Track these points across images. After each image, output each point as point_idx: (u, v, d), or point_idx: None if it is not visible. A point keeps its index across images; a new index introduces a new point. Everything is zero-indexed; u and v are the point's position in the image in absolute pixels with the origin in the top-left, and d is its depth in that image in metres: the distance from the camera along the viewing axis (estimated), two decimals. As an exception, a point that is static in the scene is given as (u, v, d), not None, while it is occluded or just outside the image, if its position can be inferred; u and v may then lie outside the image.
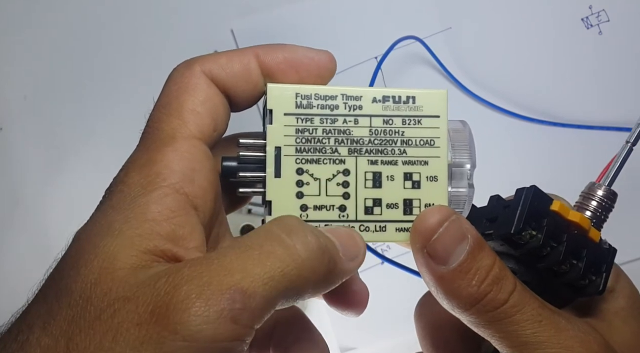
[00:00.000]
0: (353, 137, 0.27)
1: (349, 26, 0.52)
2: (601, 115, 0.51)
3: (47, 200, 0.52)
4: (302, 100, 0.27)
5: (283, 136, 0.26)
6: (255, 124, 0.33)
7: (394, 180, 0.27)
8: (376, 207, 0.27)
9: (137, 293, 0.20)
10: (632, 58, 0.51)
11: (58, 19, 0.53)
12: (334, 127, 0.27)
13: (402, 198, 0.27)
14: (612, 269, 0.28)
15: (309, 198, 0.26)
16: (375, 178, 0.27)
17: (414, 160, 0.27)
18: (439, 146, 0.27)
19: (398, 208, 0.27)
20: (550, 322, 0.25)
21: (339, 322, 0.49)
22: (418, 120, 0.27)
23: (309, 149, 0.26)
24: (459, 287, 0.24)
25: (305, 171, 0.26)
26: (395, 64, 0.50)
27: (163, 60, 0.52)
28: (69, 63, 0.53)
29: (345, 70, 0.52)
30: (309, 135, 0.26)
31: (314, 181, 0.26)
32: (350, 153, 0.27)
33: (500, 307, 0.24)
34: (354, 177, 0.27)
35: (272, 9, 0.52)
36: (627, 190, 0.51)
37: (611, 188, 0.30)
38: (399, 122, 0.27)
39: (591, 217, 0.29)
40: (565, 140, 0.51)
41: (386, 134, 0.27)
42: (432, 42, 0.50)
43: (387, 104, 0.27)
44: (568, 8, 0.52)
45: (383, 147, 0.27)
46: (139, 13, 0.53)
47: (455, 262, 0.24)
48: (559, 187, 0.50)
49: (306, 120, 0.27)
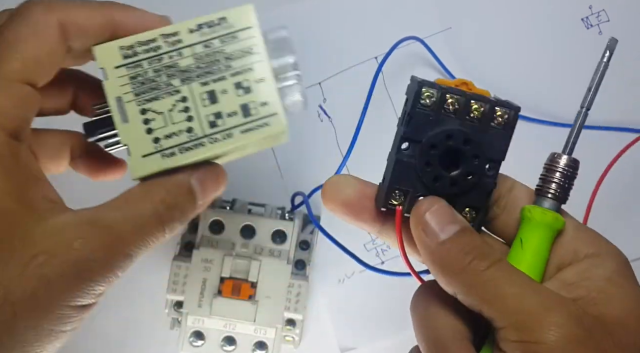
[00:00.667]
0: (181, 68, 0.30)
1: (349, 26, 0.52)
2: (601, 115, 0.51)
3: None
4: (127, 51, 0.30)
5: (119, 86, 0.30)
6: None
7: (227, 92, 0.30)
8: (219, 120, 0.30)
9: None
10: (632, 58, 0.51)
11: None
12: (162, 65, 0.30)
13: (238, 105, 0.30)
14: (593, 232, 0.29)
15: (158, 131, 0.30)
16: (210, 96, 0.30)
17: (240, 70, 0.31)
18: (258, 52, 0.31)
19: (237, 114, 0.30)
20: (530, 287, 0.27)
21: (339, 322, 0.49)
22: (234, 36, 0.31)
23: (146, 90, 0.30)
24: (448, 256, 0.27)
25: (148, 109, 0.30)
26: (395, 63, 0.50)
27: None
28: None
29: (345, 70, 0.52)
30: (142, 78, 0.30)
31: (158, 115, 0.30)
32: (183, 82, 0.30)
33: (483, 271, 0.27)
34: (192, 101, 0.30)
35: (273, 9, 0.52)
36: (627, 191, 0.51)
37: (572, 156, 0.30)
38: (218, 43, 0.31)
39: (556, 188, 0.30)
40: (564, 141, 0.51)
41: (209, 56, 0.31)
42: (432, 42, 0.50)
43: (203, 30, 0.31)
44: (568, 8, 0.52)
45: (210, 68, 0.31)
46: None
47: (445, 236, 0.28)
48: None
49: (135, 66, 0.30)
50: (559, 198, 0.30)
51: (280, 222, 0.46)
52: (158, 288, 0.48)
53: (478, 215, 0.30)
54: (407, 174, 0.29)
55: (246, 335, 0.45)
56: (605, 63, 0.31)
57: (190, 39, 0.31)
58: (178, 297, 0.44)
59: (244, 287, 0.44)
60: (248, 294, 0.44)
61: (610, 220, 0.50)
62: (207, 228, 0.45)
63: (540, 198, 0.30)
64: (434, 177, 0.29)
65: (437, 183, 0.29)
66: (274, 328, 0.44)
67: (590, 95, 0.31)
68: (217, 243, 0.45)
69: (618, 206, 0.51)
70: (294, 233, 0.45)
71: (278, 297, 0.44)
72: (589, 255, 0.29)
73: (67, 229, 0.26)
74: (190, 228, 0.46)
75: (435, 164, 0.29)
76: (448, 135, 0.29)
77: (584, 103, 0.31)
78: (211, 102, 0.30)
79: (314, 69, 0.52)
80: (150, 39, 0.31)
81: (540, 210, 0.29)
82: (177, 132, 0.30)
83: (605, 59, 0.31)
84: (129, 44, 0.30)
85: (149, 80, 0.30)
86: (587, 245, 0.29)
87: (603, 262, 0.28)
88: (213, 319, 0.44)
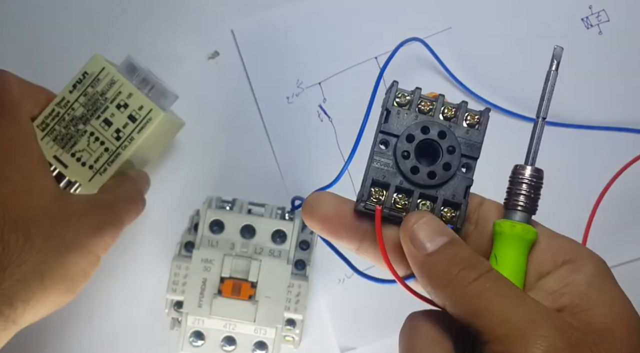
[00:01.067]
0: (78, 116, 0.43)
1: (349, 26, 0.52)
2: (601, 115, 0.51)
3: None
4: (42, 125, 0.43)
5: (50, 148, 0.43)
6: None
7: (114, 115, 0.43)
8: (120, 133, 0.43)
9: None
10: (632, 58, 0.51)
11: (58, 19, 0.53)
12: (66, 122, 0.43)
13: (126, 117, 0.43)
14: (568, 239, 0.29)
15: (88, 161, 0.43)
16: (106, 122, 0.43)
17: (114, 97, 0.43)
18: (117, 79, 0.43)
19: (128, 123, 0.43)
20: (518, 298, 0.27)
21: (339, 322, 0.49)
22: (97, 79, 0.43)
23: (66, 141, 0.43)
24: (436, 268, 0.27)
25: (75, 152, 0.43)
26: (395, 63, 0.50)
27: (164, 60, 0.52)
28: (68, 63, 0.53)
29: (345, 70, 0.52)
30: (60, 135, 0.43)
31: (83, 151, 0.43)
32: (85, 124, 0.43)
33: (472, 282, 0.27)
34: (97, 132, 0.43)
35: (272, 9, 0.52)
36: (627, 191, 0.51)
37: (535, 166, 0.30)
38: (90, 89, 0.43)
39: (523, 200, 0.29)
40: (565, 141, 0.51)
41: (90, 99, 0.43)
42: (433, 42, 0.50)
43: (77, 87, 0.43)
44: (568, 8, 0.52)
45: (95, 105, 0.43)
46: (139, 13, 0.53)
47: (433, 248, 0.28)
48: (559, 187, 0.50)
49: (51, 131, 0.43)
50: (528, 209, 0.29)
51: (280, 222, 0.46)
52: (158, 288, 0.48)
53: (458, 212, 0.30)
54: (385, 168, 0.30)
55: (246, 335, 0.44)
56: (554, 72, 0.31)
57: (73, 97, 0.43)
58: (178, 297, 0.44)
59: (244, 287, 0.44)
60: (248, 294, 0.44)
61: (610, 220, 0.50)
62: (207, 228, 0.45)
63: (509, 212, 0.30)
64: (411, 168, 0.30)
65: (416, 174, 0.30)
66: (274, 328, 0.44)
67: (545, 104, 0.31)
68: (217, 243, 0.45)
69: (618, 206, 0.51)
70: (294, 233, 0.45)
71: (278, 297, 0.44)
72: (566, 261, 0.29)
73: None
74: (191, 228, 0.46)
75: (412, 155, 0.30)
76: (424, 128, 0.30)
77: (539, 113, 0.30)
78: (108, 126, 0.43)
79: (314, 69, 0.52)
80: (50, 111, 0.43)
81: (509, 223, 0.29)
82: (100, 155, 0.43)
83: (553, 67, 0.31)
84: (40, 121, 0.43)
85: (64, 134, 0.43)
86: (563, 252, 0.29)
87: (581, 267, 0.28)
88: (213, 319, 0.44)
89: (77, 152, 0.43)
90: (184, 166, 0.51)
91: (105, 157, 0.43)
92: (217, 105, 0.52)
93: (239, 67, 0.52)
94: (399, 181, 0.30)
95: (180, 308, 0.45)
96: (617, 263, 0.49)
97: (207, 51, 0.53)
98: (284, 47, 0.52)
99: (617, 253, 0.49)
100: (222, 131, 0.52)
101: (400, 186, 0.30)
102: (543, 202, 0.30)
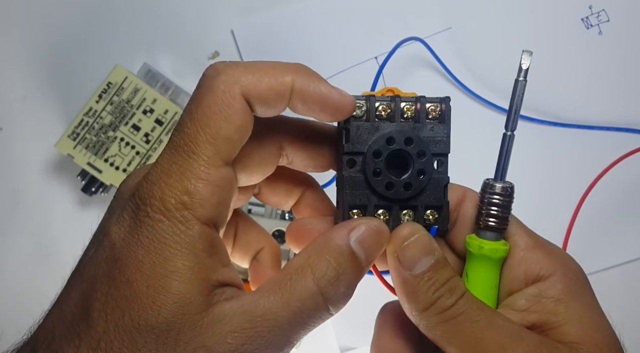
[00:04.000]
0: (107, 123, 0.47)
1: (349, 26, 0.52)
2: (601, 115, 0.51)
3: (47, 200, 0.53)
4: (73, 135, 0.47)
5: (84, 156, 0.47)
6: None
7: (142, 120, 0.47)
8: (149, 137, 0.47)
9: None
10: (632, 58, 0.51)
11: (59, 19, 0.53)
12: (96, 130, 0.47)
13: (153, 121, 0.47)
14: (544, 250, 0.29)
15: (121, 165, 0.47)
16: (135, 128, 0.47)
17: (139, 103, 0.47)
18: (141, 87, 0.47)
19: (156, 127, 0.47)
20: (488, 322, 0.27)
21: (339, 322, 0.49)
22: (122, 88, 0.47)
23: (98, 148, 0.47)
24: (418, 291, 0.27)
25: (107, 157, 0.47)
26: (395, 63, 0.50)
27: (164, 60, 0.52)
28: (69, 64, 0.53)
29: (345, 70, 0.52)
30: (92, 143, 0.47)
31: (115, 156, 0.47)
32: (114, 131, 0.47)
33: (447, 309, 0.27)
34: (127, 137, 0.47)
35: (272, 9, 0.52)
36: (627, 191, 0.51)
37: (505, 180, 0.29)
38: (116, 97, 0.47)
39: (493, 219, 0.29)
40: (565, 140, 0.51)
41: (117, 107, 0.47)
42: (433, 42, 0.50)
43: (103, 96, 0.47)
44: (568, 8, 0.52)
45: (122, 112, 0.47)
46: (139, 13, 0.53)
47: (419, 270, 0.27)
48: (559, 187, 0.50)
49: (83, 140, 0.47)
50: (496, 228, 0.29)
51: (280, 222, 0.46)
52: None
53: (441, 213, 0.29)
54: (359, 189, 0.28)
55: (246, 335, 0.44)
56: (522, 81, 0.30)
57: (100, 106, 0.47)
58: (178, 297, 0.44)
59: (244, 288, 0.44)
60: (248, 294, 0.44)
61: (610, 220, 0.50)
62: (207, 228, 0.45)
63: (479, 230, 0.29)
64: (385, 185, 0.28)
65: (391, 190, 0.28)
66: (274, 328, 0.44)
67: (513, 117, 0.29)
68: (217, 243, 0.45)
69: (618, 206, 0.51)
70: (294, 233, 0.45)
71: (278, 297, 0.44)
72: (538, 277, 0.28)
73: (225, 321, 0.26)
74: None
75: (384, 171, 0.28)
76: (388, 139, 0.28)
77: (508, 125, 0.29)
78: (137, 130, 0.47)
79: (314, 69, 0.52)
80: (80, 121, 0.46)
81: (477, 244, 0.29)
82: (132, 158, 0.47)
83: (521, 77, 0.30)
84: (71, 131, 0.46)
85: (95, 142, 0.47)
86: (537, 267, 0.29)
87: (553, 284, 0.28)
88: (213, 319, 0.44)
89: (110, 157, 0.46)
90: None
91: (137, 160, 0.47)
92: (217, 105, 0.52)
93: (239, 67, 0.52)
94: (376, 200, 0.28)
95: (180, 308, 0.45)
96: (594, 270, 0.49)
97: (207, 51, 0.53)
98: (284, 47, 0.52)
99: (597, 258, 0.50)
100: (222, 131, 0.52)
101: (378, 204, 0.28)
102: (528, 200, 0.30)
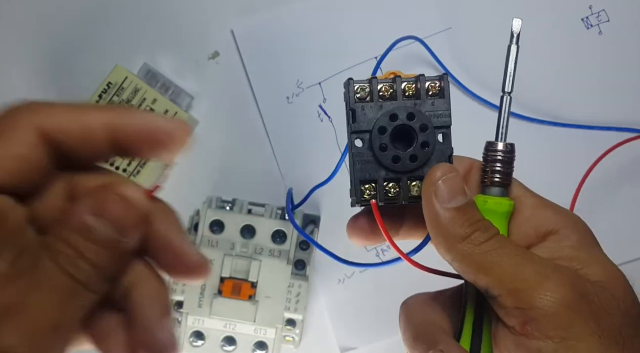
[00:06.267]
0: None
1: (349, 26, 0.52)
2: (601, 115, 0.51)
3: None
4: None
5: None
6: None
7: None
8: None
9: None
10: (632, 58, 0.51)
11: (59, 20, 0.53)
12: None
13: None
14: (551, 208, 0.30)
15: (117, 164, 0.47)
16: None
17: (139, 103, 0.47)
18: (141, 87, 0.47)
19: None
20: (527, 255, 0.28)
21: (339, 322, 0.49)
22: (122, 88, 0.47)
23: None
24: (454, 223, 0.28)
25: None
26: (395, 64, 0.50)
27: (164, 60, 0.52)
28: (69, 64, 0.53)
29: (345, 70, 0.52)
30: None
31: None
32: None
33: (485, 242, 0.28)
34: None
35: (272, 9, 0.52)
36: (627, 191, 0.51)
37: (505, 142, 0.31)
38: (116, 97, 0.47)
39: (498, 175, 0.31)
40: (565, 140, 0.51)
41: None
42: (432, 42, 0.50)
43: (103, 96, 0.47)
44: (568, 8, 0.52)
45: None
46: (139, 14, 0.53)
47: (454, 205, 0.28)
48: (559, 187, 0.50)
49: None
50: (501, 183, 0.31)
51: (280, 222, 0.46)
52: (158, 288, 0.48)
53: None
54: (368, 165, 0.30)
55: (246, 335, 0.44)
56: (513, 46, 0.34)
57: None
58: (178, 297, 0.44)
59: (244, 287, 0.44)
60: (248, 294, 0.44)
61: (610, 220, 0.50)
62: (207, 228, 0.45)
63: (484, 188, 0.31)
64: (392, 158, 0.30)
65: (398, 163, 0.30)
66: (274, 328, 0.44)
67: (508, 79, 0.32)
68: (217, 243, 0.45)
69: (618, 206, 0.51)
70: (294, 233, 0.45)
71: (278, 297, 0.44)
72: (550, 232, 0.30)
73: None
74: (191, 229, 0.46)
75: (390, 146, 0.30)
76: (392, 116, 0.30)
77: (504, 87, 0.32)
78: None
79: (314, 69, 0.52)
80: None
81: (482, 199, 0.30)
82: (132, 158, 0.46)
83: (513, 43, 0.34)
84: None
85: None
86: (547, 223, 0.30)
87: (567, 235, 0.29)
88: (213, 319, 0.44)
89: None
90: (183, 166, 0.51)
91: (137, 160, 0.47)
92: (217, 105, 0.52)
93: (239, 67, 0.52)
94: (384, 173, 0.30)
95: (180, 308, 0.45)
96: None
97: (207, 51, 0.53)
98: (284, 47, 0.52)
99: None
100: (222, 131, 0.52)
101: (387, 177, 0.30)
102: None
